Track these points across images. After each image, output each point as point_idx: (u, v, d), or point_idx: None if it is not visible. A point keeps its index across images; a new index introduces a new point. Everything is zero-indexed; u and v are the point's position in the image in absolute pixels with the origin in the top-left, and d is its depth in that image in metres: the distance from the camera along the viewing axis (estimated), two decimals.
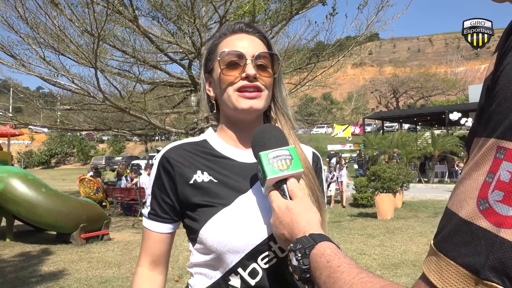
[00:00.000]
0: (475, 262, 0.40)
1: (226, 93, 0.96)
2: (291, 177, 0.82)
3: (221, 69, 0.96)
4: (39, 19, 8.26)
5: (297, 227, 0.74)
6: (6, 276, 5.53)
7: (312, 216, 0.76)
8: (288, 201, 0.79)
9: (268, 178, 0.80)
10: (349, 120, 16.23)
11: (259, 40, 1.00)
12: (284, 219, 0.77)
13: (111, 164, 36.50)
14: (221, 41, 1.01)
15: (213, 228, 0.90)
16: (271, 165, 0.81)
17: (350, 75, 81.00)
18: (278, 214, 0.78)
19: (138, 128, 13.78)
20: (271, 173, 0.81)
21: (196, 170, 0.97)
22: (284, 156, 0.83)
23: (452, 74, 68.59)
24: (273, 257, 0.92)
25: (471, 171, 0.44)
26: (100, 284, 5.09)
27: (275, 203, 0.80)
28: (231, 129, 1.03)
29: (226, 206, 0.92)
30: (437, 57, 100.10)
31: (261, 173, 0.83)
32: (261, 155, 0.83)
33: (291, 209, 0.77)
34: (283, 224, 0.77)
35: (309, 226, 0.73)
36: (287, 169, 0.82)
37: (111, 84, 9.45)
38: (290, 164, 0.82)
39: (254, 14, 8.21)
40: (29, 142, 54.58)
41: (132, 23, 8.36)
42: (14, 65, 8.76)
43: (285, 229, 0.76)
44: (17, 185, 7.10)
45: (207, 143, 1.03)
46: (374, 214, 10.05)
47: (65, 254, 6.76)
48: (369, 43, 15.62)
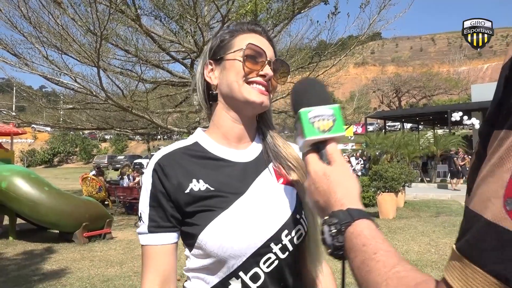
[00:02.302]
0: (505, 270, 0.36)
1: (237, 82, 0.96)
2: (332, 140, 0.75)
3: (243, 58, 0.96)
4: (42, 18, 8.29)
5: (334, 197, 0.68)
6: (9, 274, 5.55)
7: (351, 186, 0.69)
8: (326, 167, 0.72)
9: (306, 139, 0.74)
10: (351, 120, 16.22)
11: (271, 48, 1.03)
12: (320, 185, 0.70)
13: (114, 163, 36.57)
14: (239, 34, 1.01)
15: (213, 233, 0.88)
16: (311, 124, 0.74)
17: (352, 74, 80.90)
18: (314, 179, 0.72)
19: (140, 127, 13.79)
20: (310, 134, 0.73)
21: (192, 178, 0.93)
22: (326, 116, 0.75)
23: (455, 74, 68.40)
24: (275, 259, 0.91)
25: (494, 167, 0.40)
26: (102, 282, 5.11)
27: (312, 167, 0.73)
28: (226, 124, 1.01)
29: (224, 210, 0.90)
30: (440, 56, 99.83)
31: (299, 131, 0.76)
32: (301, 113, 0.75)
33: (329, 176, 0.70)
34: (318, 190, 0.70)
35: (347, 198, 0.67)
36: (329, 131, 0.74)
37: (113, 83, 9.47)
38: (333, 125, 0.74)
39: (256, 13, 8.21)
40: (32, 141, 54.79)
41: (134, 22, 8.38)
42: (17, 64, 8.80)
43: (321, 197, 0.70)
44: (20, 184, 7.12)
45: (199, 145, 1.00)
46: (376, 214, 10.03)
47: (67, 253, 6.78)
48: (371, 42, 15.58)
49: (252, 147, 1.03)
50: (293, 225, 0.94)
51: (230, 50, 0.99)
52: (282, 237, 0.92)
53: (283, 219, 0.93)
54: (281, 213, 0.94)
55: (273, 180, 0.99)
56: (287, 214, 0.94)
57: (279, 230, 0.92)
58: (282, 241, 0.91)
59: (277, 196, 0.97)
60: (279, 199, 0.96)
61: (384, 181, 10.06)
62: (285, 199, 0.97)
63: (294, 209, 0.96)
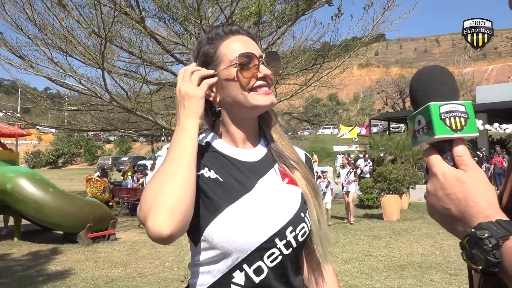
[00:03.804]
0: None
1: (242, 94, 0.97)
2: (460, 141, 0.66)
3: (238, 71, 0.96)
4: (47, 20, 8.36)
5: (475, 207, 0.60)
6: (14, 275, 5.58)
7: (493, 197, 0.62)
8: (459, 171, 0.64)
9: (436, 137, 0.65)
10: (355, 121, 16.19)
11: (253, 41, 1.03)
12: (453, 192, 0.63)
13: (118, 165, 36.69)
14: (221, 42, 0.99)
15: (220, 226, 0.89)
16: (442, 121, 0.65)
17: (356, 75, 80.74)
18: (444, 185, 0.64)
19: (144, 129, 13.85)
20: (441, 132, 0.65)
21: (204, 166, 0.96)
22: (459, 113, 0.66)
23: (460, 75, 68.02)
24: (279, 255, 0.92)
25: None
26: (106, 283, 5.12)
27: (439, 169, 0.65)
28: (234, 130, 1.02)
29: (232, 204, 0.91)
30: (444, 58, 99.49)
31: (423, 126, 0.68)
32: (431, 106, 0.66)
33: (465, 183, 0.62)
34: (450, 198, 0.63)
35: (493, 210, 0.60)
36: (461, 130, 0.65)
37: (118, 85, 9.53)
38: (465, 124, 0.65)
39: (260, 15, 8.23)
40: (36, 142, 55.04)
41: (139, 24, 8.42)
42: (22, 66, 8.86)
43: (453, 205, 0.63)
44: (25, 185, 7.16)
45: (208, 143, 1.02)
46: (380, 215, 10.00)
47: (72, 254, 6.81)
48: (375, 43, 15.53)
49: (258, 148, 1.05)
50: (298, 223, 0.95)
51: (221, 65, 0.98)
52: (287, 233, 0.93)
53: (288, 216, 0.95)
54: (286, 211, 0.95)
55: (278, 180, 1.01)
56: (292, 212, 0.96)
57: (284, 226, 0.93)
58: (286, 237, 0.93)
59: (282, 194, 0.98)
60: (284, 197, 0.98)
61: (388, 182, 10.02)
62: (290, 197, 0.98)
63: (298, 208, 0.97)
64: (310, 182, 1.01)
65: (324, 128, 45.71)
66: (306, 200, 1.00)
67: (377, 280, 5.01)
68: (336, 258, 6.13)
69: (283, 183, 1.00)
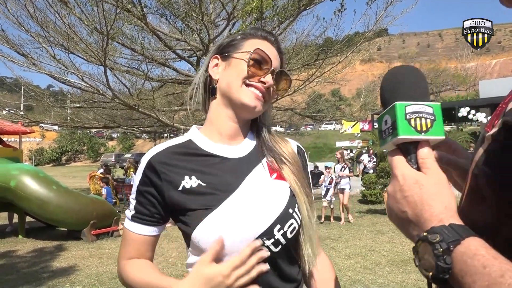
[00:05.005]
0: None
1: (237, 82, 0.98)
2: (425, 143, 0.64)
3: (249, 61, 0.99)
4: (49, 17, 8.36)
5: (429, 211, 0.58)
6: (19, 272, 5.62)
7: (449, 200, 0.59)
8: (419, 173, 0.62)
9: (399, 137, 0.64)
10: (358, 117, 16.19)
11: (279, 59, 1.05)
12: (410, 194, 0.60)
13: (121, 161, 36.82)
14: (251, 38, 1.04)
15: (204, 231, 0.89)
16: (407, 121, 0.63)
17: (359, 71, 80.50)
18: (402, 187, 0.62)
19: (147, 126, 13.87)
20: (404, 132, 0.63)
21: (184, 175, 0.95)
22: (425, 114, 0.64)
23: (463, 70, 67.73)
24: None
25: None
26: (111, 280, 5.15)
27: (399, 171, 0.63)
28: (220, 121, 1.03)
29: (216, 208, 0.91)
30: (447, 52, 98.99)
31: (389, 126, 0.66)
32: (397, 106, 0.64)
33: (423, 186, 0.60)
34: (407, 200, 0.61)
35: (447, 214, 0.57)
36: (426, 131, 0.63)
37: (120, 81, 9.53)
38: (431, 126, 0.64)
39: (261, 11, 8.19)
40: (40, 140, 55.33)
41: (140, 21, 8.41)
42: (25, 63, 8.89)
43: (409, 208, 0.60)
44: (28, 183, 7.20)
45: (192, 142, 1.02)
46: (383, 211, 9.99)
47: (76, 250, 6.85)
48: (378, 38, 15.48)
49: (244, 143, 1.04)
50: (286, 219, 0.94)
51: (238, 50, 1.02)
52: (275, 231, 0.92)
53: (275, 214, 0.93)
54: (274, 208, 0.94)
55: (266, 175, 0.99)
56: (280, 209, 0.94)
57: (271, 225, 0.92)
58: (274, 236, 0.92)
59: (269, 191, 0.97)
60: (271, 194, 0.96)
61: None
62: (278, 194, 0.97)
63: (286, 204, 0.96)
64: (299, 176, 1.01)
65: (326, 123, 45.72)
66: (295, 195, 0.98)
67: (381, 275, 5.01)
68: (339, 253, 6.14)
69: (271, 178, 0.99)
